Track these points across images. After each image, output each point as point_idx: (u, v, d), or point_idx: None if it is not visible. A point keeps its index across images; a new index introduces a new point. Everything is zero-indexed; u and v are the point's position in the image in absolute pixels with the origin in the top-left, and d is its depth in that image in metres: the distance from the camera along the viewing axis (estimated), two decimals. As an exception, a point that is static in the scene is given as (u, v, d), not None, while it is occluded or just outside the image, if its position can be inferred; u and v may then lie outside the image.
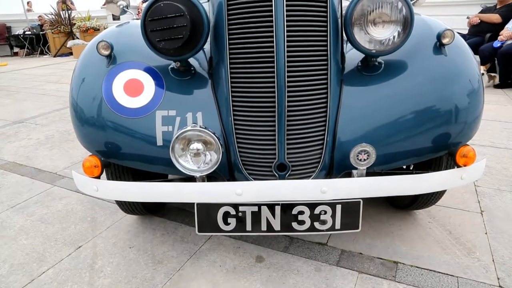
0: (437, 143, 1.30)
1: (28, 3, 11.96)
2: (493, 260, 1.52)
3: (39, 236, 1.80)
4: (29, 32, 10.78)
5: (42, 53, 10.85)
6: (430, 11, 5.66)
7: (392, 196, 1.80)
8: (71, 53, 9.94)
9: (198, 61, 1.42)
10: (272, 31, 1.17)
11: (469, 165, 1.30)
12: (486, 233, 1.70)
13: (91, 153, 1.40)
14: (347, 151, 1.22)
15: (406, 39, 1.26)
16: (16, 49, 11.29)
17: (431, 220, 1.81)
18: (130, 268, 1.55)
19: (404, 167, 1.67)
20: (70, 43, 9.82)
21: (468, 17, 5.39)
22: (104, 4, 10.95)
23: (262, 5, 1.17)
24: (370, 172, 1.28)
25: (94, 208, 2.03)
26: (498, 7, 5.12)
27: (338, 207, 1.24)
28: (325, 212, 1.25)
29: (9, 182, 2.42)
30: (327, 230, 1.27)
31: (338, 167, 1.28)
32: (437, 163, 1.53)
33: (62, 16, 10.15)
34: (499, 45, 4.70)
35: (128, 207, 1.70)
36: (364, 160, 1.20)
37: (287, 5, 1.17)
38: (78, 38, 10.09)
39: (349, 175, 1.28)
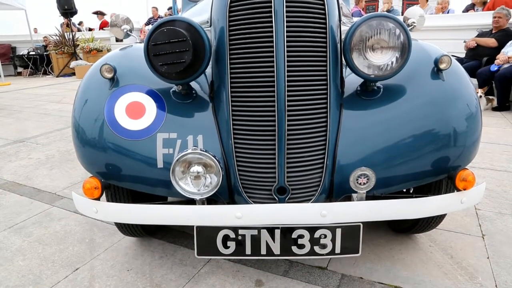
0: (437, 166, 1.31)
1: (34, 29, 12.26)
2: (496, 286, 1.50)
3: (36, 257, 1.78)
4: (33, 53, 10.96)
5: (45, 73, 10.99)
6: (428, 35, 5.76)
7: (392, 220, 1.80)
8: (73, 73, 10.06)
9: (199, 85, 1.44)
10: (272, 56, 1.19)
11: (468, 189, 1.31)
12: (488, 258, 1.68)
13: (91, 175, 1.40)
14: (346, 175, 1.23)
15: (404, 65, 1.28)
16: (19, 69, 11.45)
17: (432, 244, 1.80)
18: (128, 292, 1.52)
19: (404, 190, 1.67)
20: (73, 63, 9.96)
21: (465, 41, 5.49)
22: (107, 26, 11.18)
23: (263, 31, 1.20)
24: (370, 196, 1.28)
25: (92, 230, 2.02)
26: (493, 32, 5.23)
27: (338, 231, 1.24)
28: (325, 236, 1.24)
29: (8, 202, 2.41)
30: (327, 254, 1.26)
31: (338, 191, 1.28)
32: (437, 187, 1.53)
33: (66, 37, 10.34)
34: (496, 68, 4.77)
35: (127, 229, 1.69)
36: (364, 184, 1.21)
37: (287, 31, 1.20)
38: (81, 59, 10.24)
39: (349, 198, 1.28)
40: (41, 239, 1.95)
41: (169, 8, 10.51)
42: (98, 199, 1.35)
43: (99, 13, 11.64)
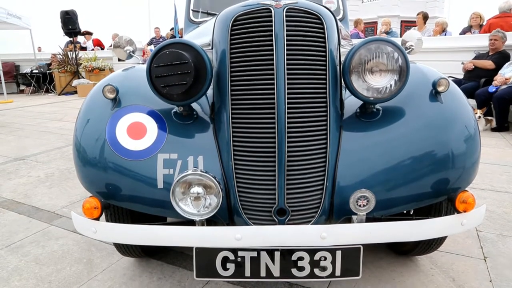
0: (436, 188, 1.31)
1: (38, 48, 12.48)
2: (498, 310, 1.48)
3: (33, 277, 1.76)
4: (36, 71, 11.08)
5: (47, 91, 11.09)
6: (427, 57, 5.84)
7: (392, 242, 1.78)
8: (75, 92, 10.15)
9: (200, 106, 1.45)
10: (273, 79, 1.21)
11: (469, 211, 1.30)
12: (491, 281, 1.66)
13: (90, 194, 1.40)
14: (346, 196, 1.23)
15: (403, 87, 1.30)
16: (22, 87, 11.56)
17: (433, 267, 1.78)
18: (125, 314, 1.50)
19: (404, 212, 1.66)
20: (75, 82, 10.06)
21: (462, 63, 5.57)
22: (110, 46, 11.35)
23: (264, 54, 1.23)
24: (370, 218, 1.28)
25: (90, 249, 2.00)
26: (490, 54, 5.31)
27: (338, 253, 1.22)
28: (325, 258, 1.23)
29: (6, 220, 2.40)
30: (327, 276, 1.25)
31: (338, 212, 1.28)
32: (437, 209, 1.52)
33: (69, 56, 10.48)
34: (494, 90, 4.83)
35: (125, 249, 1.68)
36: (364, 205, 1.21)
37: (287, 54, 1.22)
38: (83, 78, 10.35)
39: (349, 220, 1.27)
40: (38, 258, 1.92)
41: (171, 29, 10.71)
42: (97, 219, 1.35)
43: (86, 33, 11.88)
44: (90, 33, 12.00)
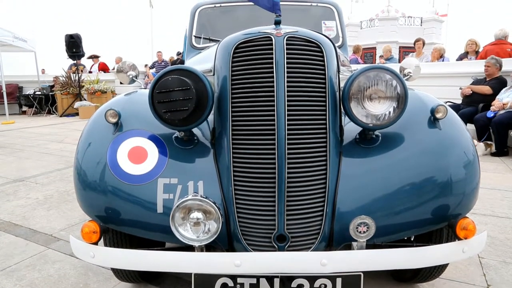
0: (436, 215, 1.31)
1: (42, 70, 12.68)
2: None
3: (28, 303, 1.73)
4: (39, 92, 11.21)
5: (49, 113, 11.17)
6: (426, 82, 5.91)
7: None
8: (77, 114, 10.23)
9: (201, 131, 1.47)
10: (273, 105, 1.23)
11: (469, 238, 1.29)
12: (494, 310, 1.63)
13: (90, 218, 1.39)
14: (346, 223, 1.22)
15: (401, 114, 1.32)
16: (24, 108, 11.66)
17: (435, 295, 1.75)
18: None
19: (405, 238, 1.65)
20: (77, 104, 10.16)
21: (460, 88, 5.64)
22: (113, 69, 11.52)
23: (265, 81, 1.25)
24: (371, 245, 1.27)
25: (87, 274, 1.97)
26: (487, 79, 5.39)
27: (339, 281, 1.21)
28: (325, 286, 1.21)
29: (2, 243, 2.37)
30: (328, 305, 1.23)
31: (338, 239, 1.27)
32: (438, 235, 1.51)
33: (72, 79, 10.62)
34: (492, 115, 4.87)
35: (123, 274, 1.65)
36: (364, 232, 1.20)
37: (288, 81, 1.24)
38: (85, 100, 10.46)
39: (349, 247, 1.26)
40: (34, 283, 1.89)
41: (179, 54, 10.88)
42: (96, 243, 1.34)
43: (93, 57, 12.10)
44: (97, 56, 12.23)
